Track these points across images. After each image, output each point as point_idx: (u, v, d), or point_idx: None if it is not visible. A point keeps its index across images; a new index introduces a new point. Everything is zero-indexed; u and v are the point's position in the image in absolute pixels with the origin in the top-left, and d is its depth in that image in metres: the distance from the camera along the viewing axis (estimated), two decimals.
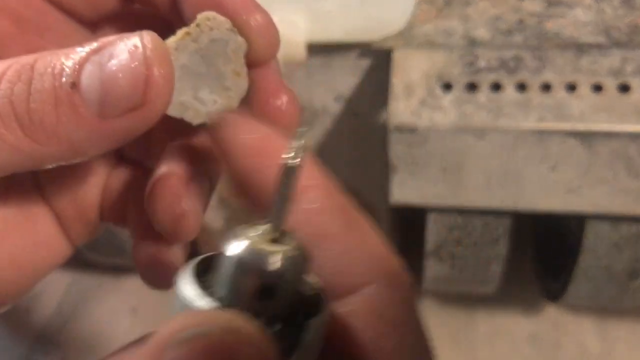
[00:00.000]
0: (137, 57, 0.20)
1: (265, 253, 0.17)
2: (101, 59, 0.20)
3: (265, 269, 0.17)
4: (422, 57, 0.52)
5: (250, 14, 0.24)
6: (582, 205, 0.51)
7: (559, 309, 0.82)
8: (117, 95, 0.20)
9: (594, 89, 0.49)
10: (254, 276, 0.17)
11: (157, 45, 0.20)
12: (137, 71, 0.20)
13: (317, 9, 0.49)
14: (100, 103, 0.20)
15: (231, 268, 0.17)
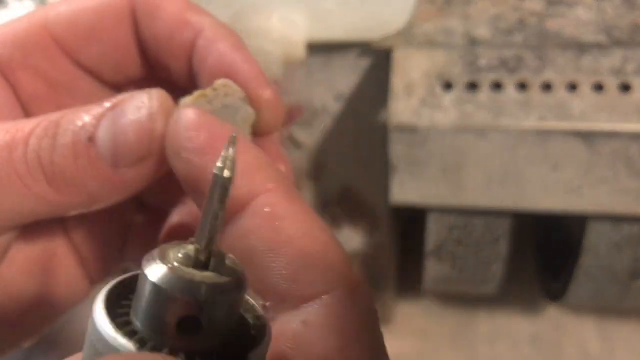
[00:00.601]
0: (143, 113, 0.22)
1: (186, 279, 0.15)
2: (115, 115, 0.22)
3: (186, 299, 0.14)
4: (423, 57, 0.52)
5: (261, 88, 0.26)
6: (583, 205, 0.51)
7: (559, 310, 0.82)
8: (126, 148, 0.22)
9: (595, 88, 0.49)
10: (173, 306, 0.14)
11: (163, 102, 0.22)
12: (144, 126, 0.22)
13: (317, 8, 0.49)
14: (113, 155, 0.22)
15: (148, 296, 0.15)
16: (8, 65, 0.25)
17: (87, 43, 0.26)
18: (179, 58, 0.27)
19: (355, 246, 0.73)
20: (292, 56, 0.49)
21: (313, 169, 0.66)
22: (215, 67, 0.26)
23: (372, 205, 0.68)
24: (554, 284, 0.70)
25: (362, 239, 0.72)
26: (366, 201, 0.68)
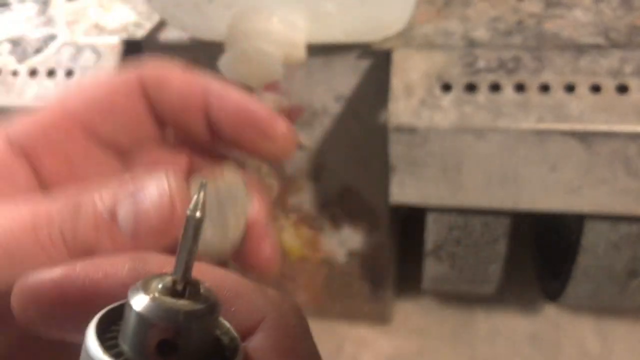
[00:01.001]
0: (164, 196, 0.24)
1: (165, 307, 0.17)
2: (135, 196, 0.24)
3: (165, 324, 0.17)
4: (422, 58, 0.52)
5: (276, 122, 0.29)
6: (581, 205, 0.51)
7: (558, 309, 0.82)
8: (147, 225, 0.24)
9: (592, 89, 0.49)
10: (154, 331, 0.17)
11: (180, 184, 0.25)
12: (165, 207, 0.24)
13: (317, 10, 0.49)
14: (133, 230, 0.24)
15: (133, 322, 0.17)
16: (33, 150, 0.28)
17: (103, 118, 0.29)
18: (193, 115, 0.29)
19: (354, 246, 0.74)
20: (292, 57, 0.49)
21: (313, 169, 0.66)
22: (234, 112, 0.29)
23: (371, 205, 0.68)
24: (553, 283, 0.70)
25: (362, 239, 0.73)
26: (366, 201, 0.68)
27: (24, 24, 0.65)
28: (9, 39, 0.62)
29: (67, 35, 0.62)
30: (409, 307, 0.86)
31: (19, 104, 0.58)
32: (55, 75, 0.59)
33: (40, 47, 0.61)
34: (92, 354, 0.17)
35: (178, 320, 0.17)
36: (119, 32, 0.61)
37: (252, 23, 0.48)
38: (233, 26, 0.49)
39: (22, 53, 0.61)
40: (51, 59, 0.60)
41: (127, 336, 0.17)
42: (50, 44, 0.61)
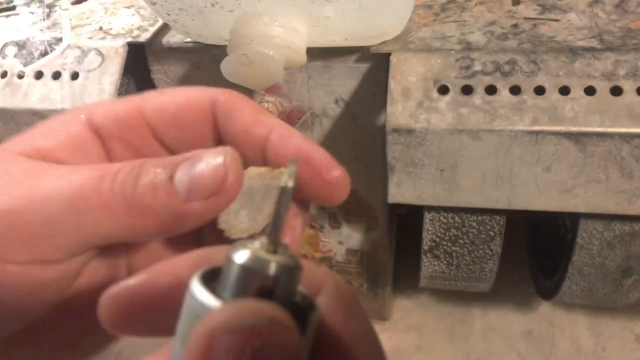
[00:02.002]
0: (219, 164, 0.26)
1: (265, 260, 0.19)
2: (192, 162, 0.26)
3: (265, 273, 0.19)
4: (419, 61, 0.52)
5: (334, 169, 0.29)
6: (575, 205, 0.52)
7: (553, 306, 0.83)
8: (200, 185, 0.26)
9: (587, 91, 0.49)
10: (255, 279, 0.19)
11: (235, 158, 0.27)
12: (219, 170, 0.26)
13: (317, 15, 0.49)
14: (187, 190, 0.26)
15: (235, 274, 0.19)
16: (107, 134, 0.30)
17: (171, 128, 0.31)
18: (253, 149, 0.30)
19: (353, 244, 0.74)
20: (292, 61, 0.50)
21: None
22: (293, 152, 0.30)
23: (370, 204, 0.69)
24: (547, 281, 0.71)
25: (360, 237, 0.73)
26: (364, 201, 0.68)
27: (29, 28, 0.65)
28: (15, 42, 0.63)
29: (72, 38, 0.62)
30: (407, 305, 0.87)
31: (24, 106, 0.58)
32: (60, 77, 0.59)
33: (46, 50, 0.61)
34: (200, 298, 0.19)
35: (275, 270, 0.19)
36: (123, 36, 0.61)
37: (253, 27, 0.49)
38: (235, 30, 0.49)
39: (28, 56, 0.61)
40: (56, 62, 0.60)
41: (228, 287, 0.19)
42: (55, 47, 0.61)
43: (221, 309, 0.18)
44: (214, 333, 0.18)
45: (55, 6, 0.69)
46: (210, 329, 0.18)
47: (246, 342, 0.17)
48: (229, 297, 0.19)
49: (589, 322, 0.81)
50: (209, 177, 0.26)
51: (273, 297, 0.19)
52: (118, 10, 0.67)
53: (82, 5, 0.69)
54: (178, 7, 0.51)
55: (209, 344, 0.17)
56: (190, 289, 0.20)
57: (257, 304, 0.19)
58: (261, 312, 0.18)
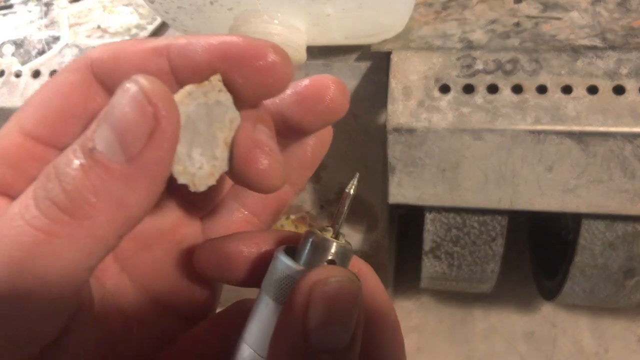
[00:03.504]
0: (133, 89, 0.22)
1: (331, 241, 0.26)
2: (106, 116, 0.22)
3: (330, 250, 0.26)
4: (420, 60, 0.52)
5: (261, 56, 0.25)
6: (577, 205, 0.51)
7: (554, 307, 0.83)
8: (131, 128, 0.21)
9: (589, 90, 0.49)
10: (325, 254, 0.26)
11: (150, 79, 0.22)
12: (137, 98, 0.21)
13: (317, 13, 0.49)
14: (122, 146, 0.21)
15: (312, 249, 0.26)
16: (3, 183, 0.25)
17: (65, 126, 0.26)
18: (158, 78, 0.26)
19: (354, 244, 0.74)
20: (292, 59, 0.50)
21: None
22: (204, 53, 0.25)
23: (370, 204, 0.69)
24: (549, 282, 0.71)
25: (361, 238, 0.73)
26: (365, 201, 0.68)
27: (27, 26, 0.65)
28: (13, 41, 0.62)
29: (69, 37, 0.62)
30: (408, 306, 0.87)
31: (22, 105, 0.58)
32: None
33: (43, 49, 0.61)
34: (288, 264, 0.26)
35: (337, 249, 0.26)
36: (121, 34, 0.61)
37: (253, 25, 0.48)
38: (234, 28, 0.49)
39: (25, 55, 0.61)
40: (54, 61, 0.60)
41: (305, 258, 0.26)
42: (53, 45, 0.61)
43: (318, 269, 0.24)
44: (315, 286, 0.23)
45: (52, 4, 0.69)
46: (313, 282, 0.24)
47: (337, 291, 0.23)
48: (307, 265, 0.26)
49: (591, 323, 0.81)
50: (134, 114, 0.21)
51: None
52: (116, 8, 0.66)
53: (79, 3, 0.69)
54: (177, 5, 0.50)
55: (309, 291, 0.23)
56: (279, 258, 0.26)
57: (339, 269, 0.25)
58: (344, 273, 0.24)
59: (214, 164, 0.26)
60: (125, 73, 0.24)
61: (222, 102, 0.25)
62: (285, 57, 0.25)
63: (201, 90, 0.25)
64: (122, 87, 0.22)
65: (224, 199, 0.33)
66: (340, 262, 0.27)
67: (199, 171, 0.25)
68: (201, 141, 0.25)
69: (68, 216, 0.21)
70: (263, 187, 0.26)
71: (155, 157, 0.22)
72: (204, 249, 0.29)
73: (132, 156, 0.21)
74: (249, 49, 0.24)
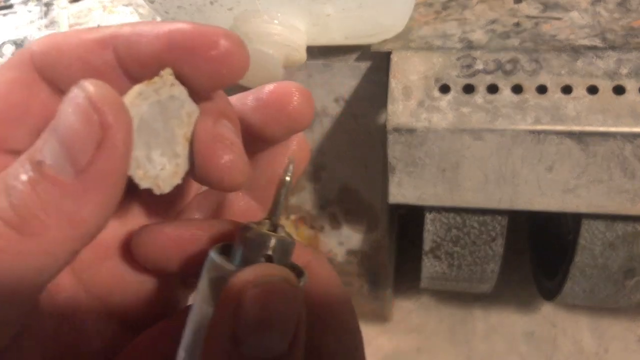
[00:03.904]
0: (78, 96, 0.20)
1: (265, 235, 0.24)
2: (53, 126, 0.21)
3: (266, 245, 0.24)
4: (420, 60, 0.52)
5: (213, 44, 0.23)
6: (578, 205, 0.51)
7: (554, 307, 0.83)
8: (77, 139, 0.20)
9: (589, 90, 0.49)
10: (261, 250, 0.24)
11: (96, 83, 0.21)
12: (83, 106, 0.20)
13: (317, 13, 0.49)
14: (69, 159, 0.20)
15: (247, 245, 0.24)
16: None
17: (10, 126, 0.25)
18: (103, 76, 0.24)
19: (353, 245, 0.74)
20: (292, 59, 0.50)
21: (313, 170, 0.67)
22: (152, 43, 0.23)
23: (370, 204, 0.69)
24: (549, 282, 0.71)
25: (361, 238, 0.73)
26: (365, 201, 0.68)
27: (27, 26, 0.65)
28: (13, 41, 0.62)
29: None
30: (408, 306, 0.87)
31: None
32: None
33: None
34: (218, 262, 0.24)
35: (275, 244, 0.24)
36: None
37: (253, 25, 0.48)
38: (234, 28, 0.49)
39: None
40: None
41: (239, 256, 0.24)
42: None
43: (248, 269, 0.22)
44: (244, 287, 0.21)
45: (52, 4, 0.69)
46: (242, 284, 0.21)
47: (268, 293, 0.21)
48: (242, 264, 0.24)
49: (591, 323, 0.81)
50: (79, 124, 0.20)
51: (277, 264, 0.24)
52: (116, 8, 0.66)
53: (80, 3, 0.69)
54: (177, 5, 0.50)
55: (238, 294, 0.21)
56: (210, 257, 0.24)
57: (273, 266, 0.23)
58: (276, 272, 0.22)
59: (177, 162, 0.25)
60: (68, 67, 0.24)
61: (177, 96, 0.24)
62: (239, 42, 0.23)
63: (152, 87, 0.23)
64: (69, 94, 0.21)
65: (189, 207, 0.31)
66: (279, 257, 0.24)
67: (162, 172, 0.24)
68: (160, 141, 0.24)
69: (16, 232, 0.20)
70: (224, 183, 0.25)
71: (106, 168, 0.21)
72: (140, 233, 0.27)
73: (81, 169, 0.20)
74: (198, 37, 0.23)
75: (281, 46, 0.48)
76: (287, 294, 0.22)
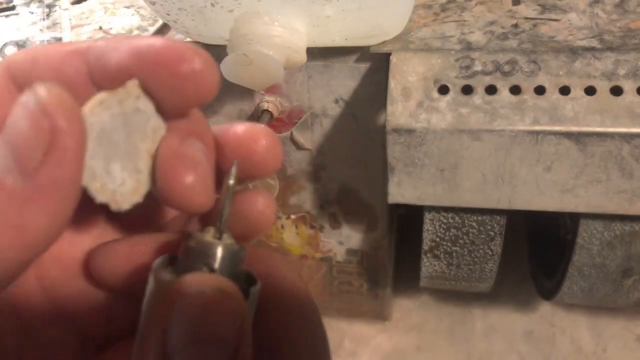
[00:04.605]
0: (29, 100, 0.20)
1: (211, 244, 0.23)
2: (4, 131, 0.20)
3: (211, 254, 0.23)
4: (419, 61, 0.52)
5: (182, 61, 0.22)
6: (576, 205, 0.52)
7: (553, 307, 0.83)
8: (25, 144, 0.19)
9: (587, 91, 0.49)
10: (205, 259, 0.23)
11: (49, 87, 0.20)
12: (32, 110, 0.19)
13: (317, 15, 0.49)
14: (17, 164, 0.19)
15: (189, 255, 0.23)
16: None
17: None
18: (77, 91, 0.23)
19: (353, 244, 0.74)
20: (292, 60, 0.50)
21: (313, 170, 0.67)
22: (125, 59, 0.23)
23: (370, 204, 0.69)
24: (548, 281, 0.71)
25: (361, 237, 0.73)
26: (364, 201, 0.68)
27: (29, 28, 0.65)
28: (15, 42, 0.63)
29: (71, 38, 0.62)
30: (407, 305, 0.87)
31: None
32: None
33: None
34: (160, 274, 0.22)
35: (220, 252, 0.23)
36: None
37: (253, 27, 0.48)
38: (235, 30, 0.49)
39: None
40: None
41: (183, 268, 0.23)
42: None
43: (178, 280, 0.21)
44: (171, 298, 0.20)
45: (55, 6, 0.69)
46: (169, 294, 0.20)
47: (198, 306, 0.20)
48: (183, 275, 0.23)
49: (590, 323, 0.81)
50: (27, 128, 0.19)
51: (221, 274, 0.23)
52: (118, 10, 0.67)
53: (82, 5, 0.69)
54: (178, 7, 0.50)
55: (167, 307, 0.20)
56: (153, 269, 0.23)
57: (207, 275, 0.22)
58: (210, 282, 0.21)
59: (138, 178, 0.23)
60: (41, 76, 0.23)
61: (142, 110, 0.23)
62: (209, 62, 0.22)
63: (116, 98, 0.22)
64: (20, 98, 0.20)
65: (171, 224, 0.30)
66: (225, 266, 0.23)
67: (121, 187, 0.23)
68: (120, 155, 0.23)
69: None
70: (187, 206, 0.24)
71: (55, 174, 0.19)
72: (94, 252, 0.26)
73: (28, 174, 0.19)
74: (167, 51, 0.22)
75: (281, 47, 0.49)
76: (221, 305, 0.20)
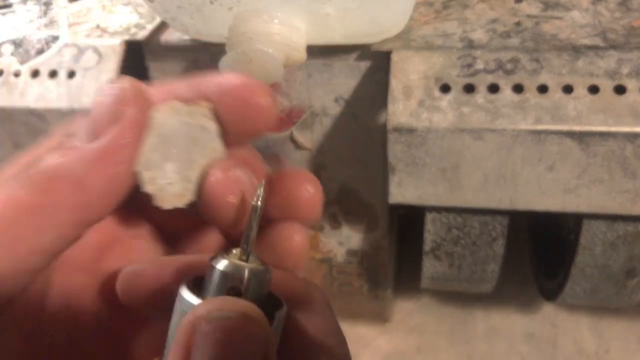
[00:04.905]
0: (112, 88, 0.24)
1: (237, 266, 0.23)
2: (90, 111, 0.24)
3: (238, 277, 0.23)
4: (421, 59, 0.52)
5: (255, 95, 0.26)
6: (578, 205, 0.51)
7: (555, 308, 0.83)
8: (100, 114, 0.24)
9: (590, 90, 0.49)
10: (231, 282, 0.23)
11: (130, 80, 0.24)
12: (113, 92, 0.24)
13: (317, 12, 0.49)
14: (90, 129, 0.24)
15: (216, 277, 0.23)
16: None
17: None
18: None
19: (353, 245, 0.74)
20: (292, 59, 0.50)
21: (313, 170, 0.66)
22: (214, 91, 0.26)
23: (370, 204, 0.69)
24: (550, 282, 0.71)
25: (361, 238, 0.73)
26: (365, 201, 0.68)
27: (26, 26, 0.65)
28: (11, 40, 0.62)
29: (69, 36, 0.62)
30: (408, 306, 0.87)
31: (21, 105, 0.58)
32: (57, 76, 0.59)
33: (42, 49, 0.61)
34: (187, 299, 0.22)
35: (246, 275, 0.23)
36: (120, 34, 0.61)
37: (253, 25, 0.48)
38: (234, 28, 0.49)
39: (24, 54, 0.61)
40: (53, 60, 0.60)
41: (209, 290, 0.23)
42: (52, 45, 0.61)
43: (202, 303, 0.21)
44: (196, 322, 0.20)
45: (52, 4, 0.69)
46: (194, 319, 0.20)
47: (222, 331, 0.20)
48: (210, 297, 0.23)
49: (592, 324, 0.80)
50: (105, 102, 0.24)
51: (246, 297, 0.23)
52: (115, 8, 0.66)
53: (79, 3, 0.69)
54: (176, 5, 0.50)
55: (191, 332, 0.20)
56: (179, 292, 0.23)
57: (232, 300, 0.22)
58: (235, 307, 0.21)
59: (186, 186, 0.25)
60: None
61: (208, 129, 0.25)
62: (275, 100, 0.26)
63: (187, 109, 0.25)
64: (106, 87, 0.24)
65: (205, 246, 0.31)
66: (251, 289, 0.23)
67: (169, 186, 0.25)
68: (178, 158, 0.25)
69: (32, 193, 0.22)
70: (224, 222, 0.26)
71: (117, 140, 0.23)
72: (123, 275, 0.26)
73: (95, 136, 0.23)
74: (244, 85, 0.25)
75: (281, 45, 0.48)
76: (244, 330, 0.20)
